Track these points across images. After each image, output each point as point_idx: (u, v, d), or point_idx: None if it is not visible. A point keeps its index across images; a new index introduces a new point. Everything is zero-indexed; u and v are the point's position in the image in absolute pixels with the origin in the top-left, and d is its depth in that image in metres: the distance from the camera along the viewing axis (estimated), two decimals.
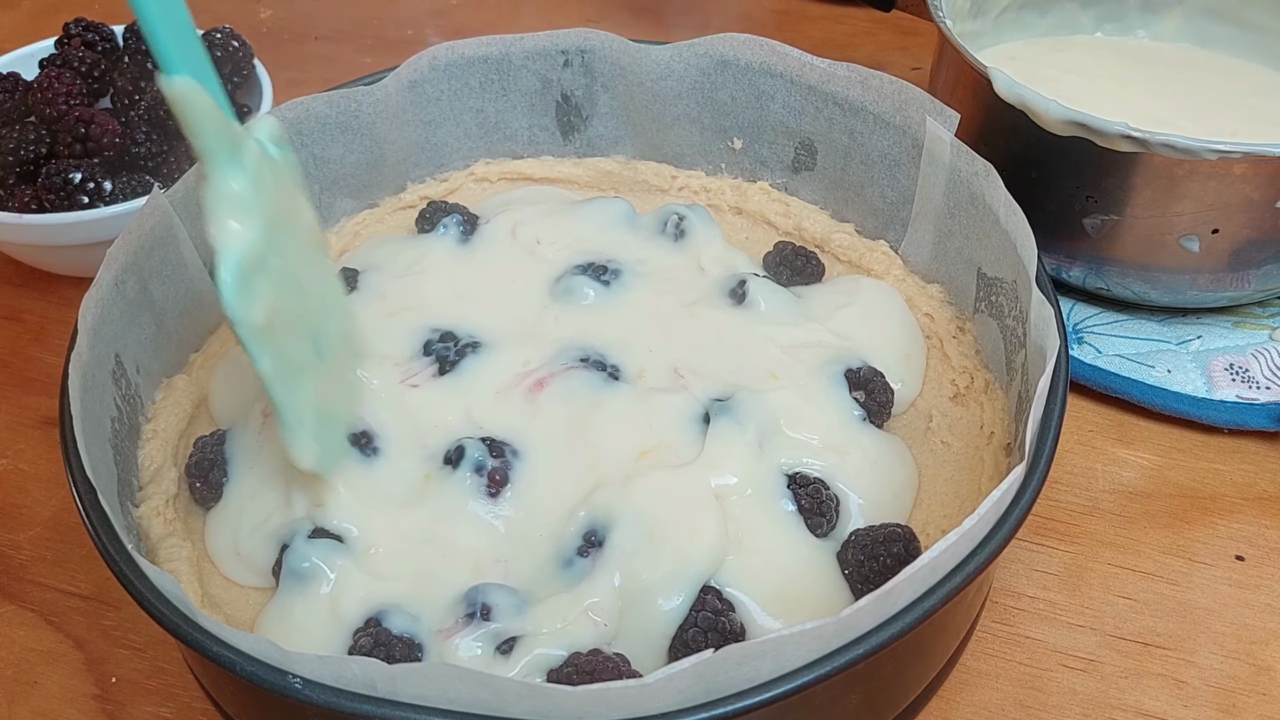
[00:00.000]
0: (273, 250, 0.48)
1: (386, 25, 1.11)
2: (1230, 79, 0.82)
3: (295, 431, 0.51)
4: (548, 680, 0.48)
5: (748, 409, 0.57)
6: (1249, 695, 0.56)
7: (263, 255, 0.47)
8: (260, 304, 0.47)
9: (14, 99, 0.80)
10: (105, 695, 0.57)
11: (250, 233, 0.47)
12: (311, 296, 0.53)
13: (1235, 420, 0.67)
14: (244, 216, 0.47)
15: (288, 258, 0.50)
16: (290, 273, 0.50)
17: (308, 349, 0.52)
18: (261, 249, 0.47)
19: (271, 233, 0.48)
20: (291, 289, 0.50)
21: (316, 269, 0.54)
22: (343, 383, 0.56)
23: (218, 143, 0.46)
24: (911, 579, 0.42)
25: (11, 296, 0.80)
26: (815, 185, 0.73)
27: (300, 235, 0.52)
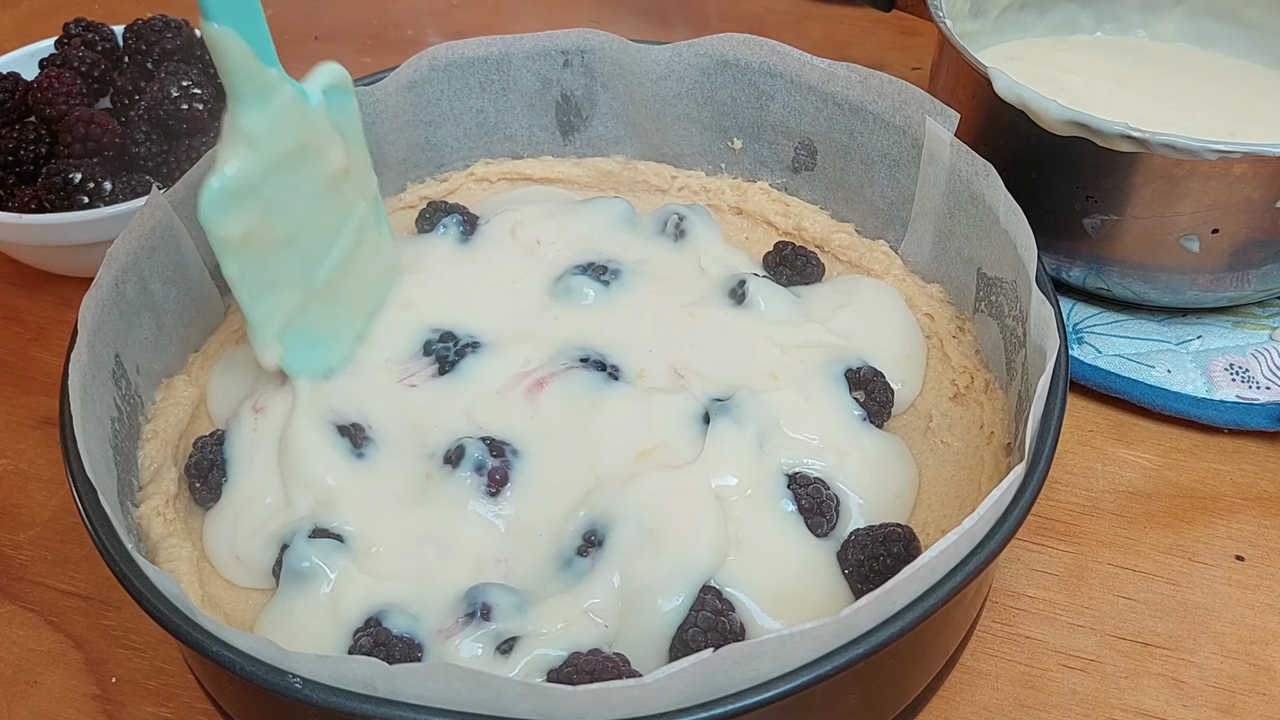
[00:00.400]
0: (272, 183, 0.53)
1: (386, 25, 1.11)
2: (1230, 79, 0.82)
3: (258, 332, 0.56)
4: (548, 680, 0.48)
5: (748, 409, 0.57)
6: (1249, 695, 0.56)
7: (256, 185, 0.53)
8: (238, 223, 0.53)
9: (14, 99, 0.80)
10: (105, 695, 0.57)
11: (248, 164, 0.52)
12: (312, 227, 0.57)
13: (1235, 420, 0.67)
14: (247, 150, 0.52)
15: (291, 191, 0.55)
16: (289, 204, 0.55)
17: (294, 269, 0.57)
18: (256, 180, 0.53)
19: (277, 168, 0.53)
20: (286, 217, 0.55)
21: (329, 204, 0.58)
22: (343, 305, 0.61)
23: (243, 85, 0.51)
24: (911, 579, 0.42)
25: (11, 296, 0.80)
26: (815, 185, 0.73)
27: (318, 173, 0.57)
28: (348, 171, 0.59)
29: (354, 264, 0.61)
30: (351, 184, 0.60)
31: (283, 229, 0.55)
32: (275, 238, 0.55)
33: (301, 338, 0.58)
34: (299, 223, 0.56)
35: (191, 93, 0.78)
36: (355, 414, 0.58)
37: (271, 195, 0.54)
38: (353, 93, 0.59)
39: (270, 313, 0.56)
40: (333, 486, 0.55)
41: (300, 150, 0.55)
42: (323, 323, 0.60)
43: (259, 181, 0.53)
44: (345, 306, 0.61)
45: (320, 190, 0.57)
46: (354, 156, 0.60)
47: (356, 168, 0.60)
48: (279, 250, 0.56)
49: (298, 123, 0.54)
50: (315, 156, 0.56)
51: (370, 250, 0.62)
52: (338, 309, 0.60)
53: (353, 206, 0.60)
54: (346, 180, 0.59)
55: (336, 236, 0.59)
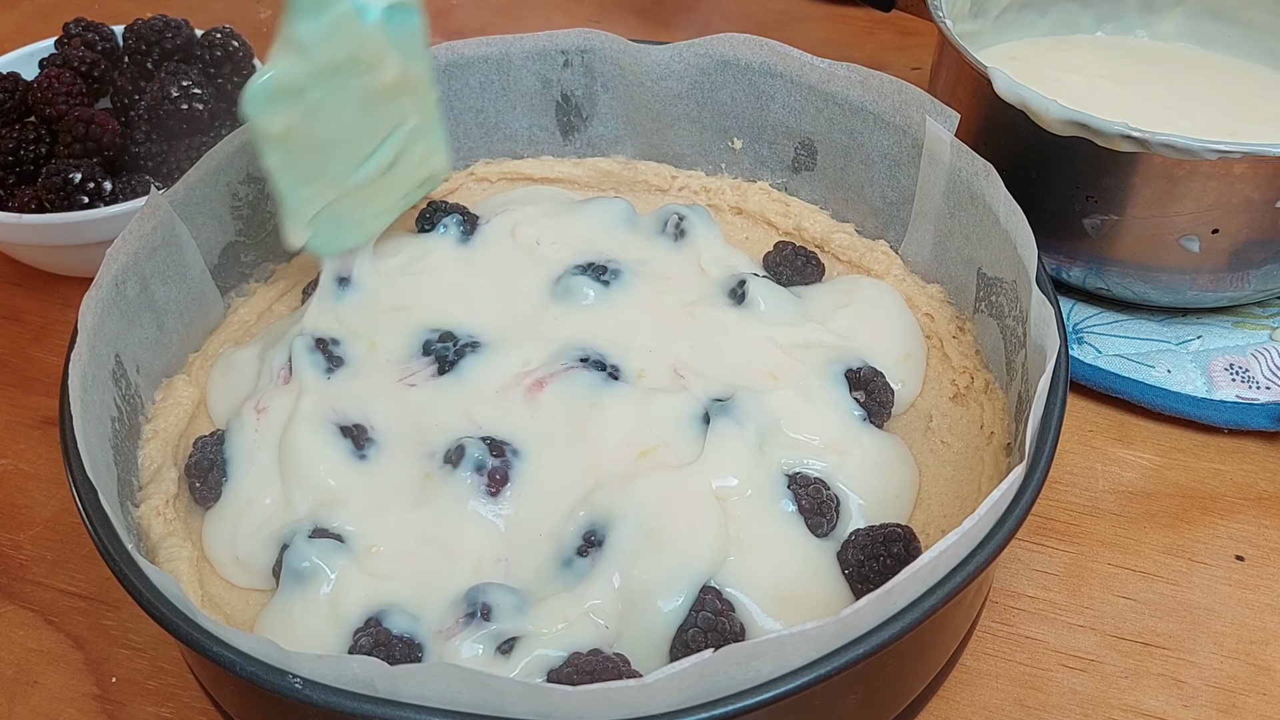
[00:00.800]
0: (319, 88, 0.58)
1: None
2: (1230, 79, 0.82)
3: (292, 218, 0.61)
4: (548, 680, 0.48)
5: (748, 409, 0.57)
6: (1249, 695, 0.56)
7: (302, 88, 0.57)
8: (280, 119, 0.57)
9: (14, 99, 0.80)
10: (105, 695, 0.57)
11: (295, 69, 0.56)
12: (356, 132, 0.61)
13: (1235, 420, 0.67)
14: (296, 56, 0.56)
15: (338, 98, 0.59)
16: (334, 109, 0.59)
17: (334, 168, 0.61)
18: (302, 84, 0.57)
19: (324, 76, 0.57)
20: (330, 121, 0.59)
21: (376, 113, 0.61)
22: (379, 200, 0.65)
23: None
24: (911, 579, 0.42)
25: (11, 296, 0.80)
26: (815, 185, 0.73)
27: (368, 84, 0.60)
28: (401, 85, 0.61)
29: (398, 169, 0.64)
30: (405, 97, 0.62)
31: (326, 131, 0.60)
32: (317, 138, 0.59)
33: (330, 223, 0.63)
34: (343, 127, 0.60)
35: (191, 93, 0.78)
36: (357, 414, 0.58)
37: (317, 100, 0.58)
38: (417, 11, 0.61)
39: (305, 202, 0.61)
40: (334, 487, 0.55)
41: (351, 61, 0.58)
42: (354, 212, 0.64)
43: (305, 85, 0.57)
44: (380, 202, 0.65)
45: (369, 100, 0.60)
46: (411, 71, 0.62)
47: (413, 82, 0.63)
48: (320, 149, 0.60)
49: (351, 36, 0.57)
50: (366, 69, 0.59)
51: (418, 159, 0.65)
52: (372, 203, 0.64)
53: (403, 117, 0.63)
54: (399, 93, 0.62)
55: (382, 143, 0.62)
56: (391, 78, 0.61)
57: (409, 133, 0.64)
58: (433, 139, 0.67)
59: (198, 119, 0.79)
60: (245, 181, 0.67)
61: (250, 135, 0.62)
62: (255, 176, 0.67)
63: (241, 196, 0.67)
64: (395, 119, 0.63)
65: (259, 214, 0.69)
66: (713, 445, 0.55)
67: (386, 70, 0.60)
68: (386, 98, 0.61)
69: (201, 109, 0.78)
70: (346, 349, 0.62)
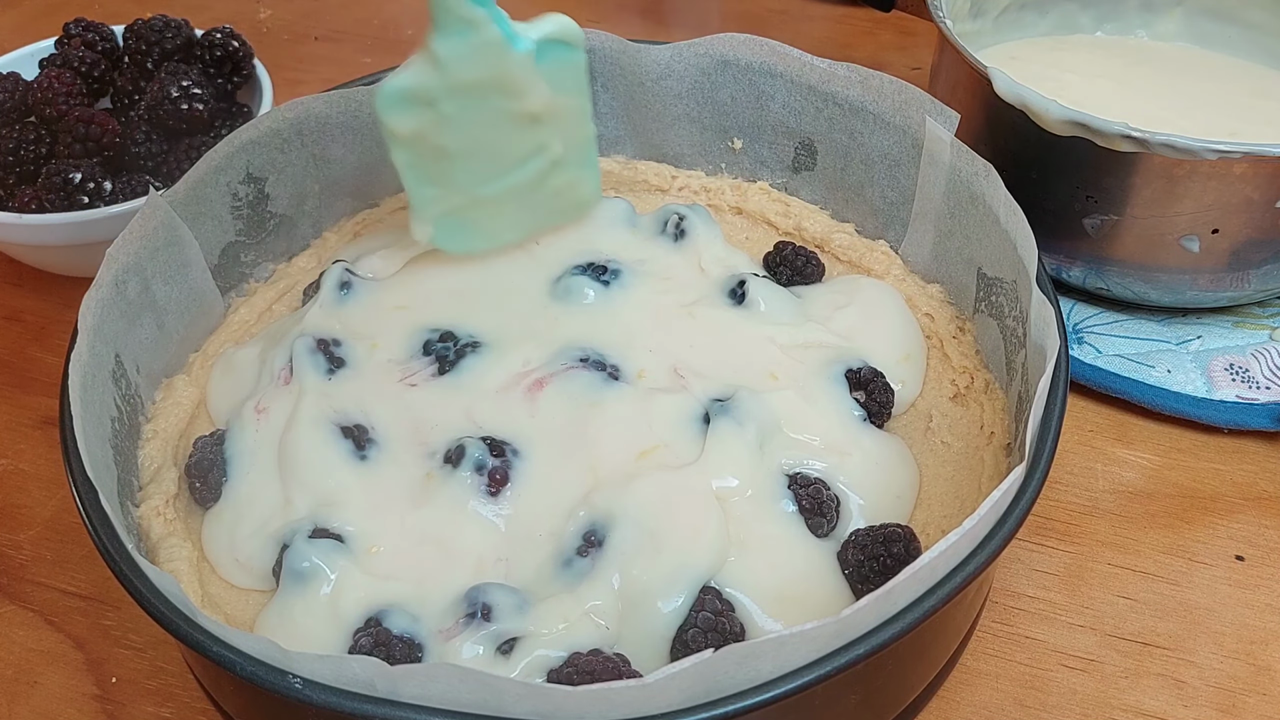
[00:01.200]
0: (453, 103, 0.59)
1: (386, 25, 1.11)
2: (1230, 79, 0.82)
3: (416, 213, 0.63)
4: (548, 681, 0.48)
5: (748, 409, 0.56)
6: (1249, 695, 0.56)
7: (434, 99, 0.58)
8: (407, 123, 0.59)
9: (14, 99, 0.80)
10: (105, 695, 0.57)
11: (428, 80, 0.58)
12: (490, 150, 0.62)
13: (1235, 420, 0.67)
14: (431, 69, 0.57)
15: (472, 115, 0.59)
16: (467, 124, 0.60)
17: (463, 178, 0.62)
18: (434, 95, 0.58)
19: (459, 92, 0.58)
20: (461, 134, 0.60)
21: (516, 137, 0.62)
22: (511, 215, 0.65)
23: (443, 15, 0.56)
24: (912, 579, 0.42)
25: (11, 296, 0.80)
26: (815, 185, 0.73)
27: (508, 109, 0.60)
28: (546, 115, 0.61)
29: (537, 192, 0.64)
30: (551, 126, 0.62)
31: (456, 142, 0.60)
32: (447, 147, 0.60)
33: (457, 225, 0.64)
34: (475, 142, 0.61)
35: (191, 93, 0.78)
36: (358, 414, 0.58)
37: (450, 112, 0.59)
38: (580, 47, 0.61)
39: (429, 201, 0.63)
40: (334, 488, 0.55)
41: (490, 84, 0.58)
42: (484, 221, 0.64)
43: (437, 97, 0.58)
44: (515, 218, 0.65)
45: (507, 123, 0.60)
46: (562, 104, 0.62)
47: (563, 114, 0.62)
48: (449, 158, 0.61)
49: (493, 61, 0.57)
50: (508, 94, 0.59)
51: (562, 186, 0.65)
52: (505, 217, 0.65)
53: (546, 146, 0.62)
54: (544, 122, 0.61)
55: (519, 166, 0.62)
56: (536, 107, 0.60)
57: (552, 160, 0.63)
58: (581, 170, 0.66)
59: (198, 119, 0.79)
60: (245, 181, 0.67)
61: (253, 134, 0.64)
62: (255, 176, 0.67)
63: (241, 196, 0.67)
64: (536, 145, 0.62)
65: (259, 214, 0.69)
66: (713, 445, 0.55)
67: (531, 99, 0.60)
68: (528, 124, 0.61)
69: (201, 109, 0.78)
70: (348, 349, 0.62)
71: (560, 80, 0.61)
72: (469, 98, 0.59)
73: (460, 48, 0.57)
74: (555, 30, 0.60)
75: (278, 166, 0.68)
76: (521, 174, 0.63)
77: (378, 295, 0.65)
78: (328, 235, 0.73)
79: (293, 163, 0.69)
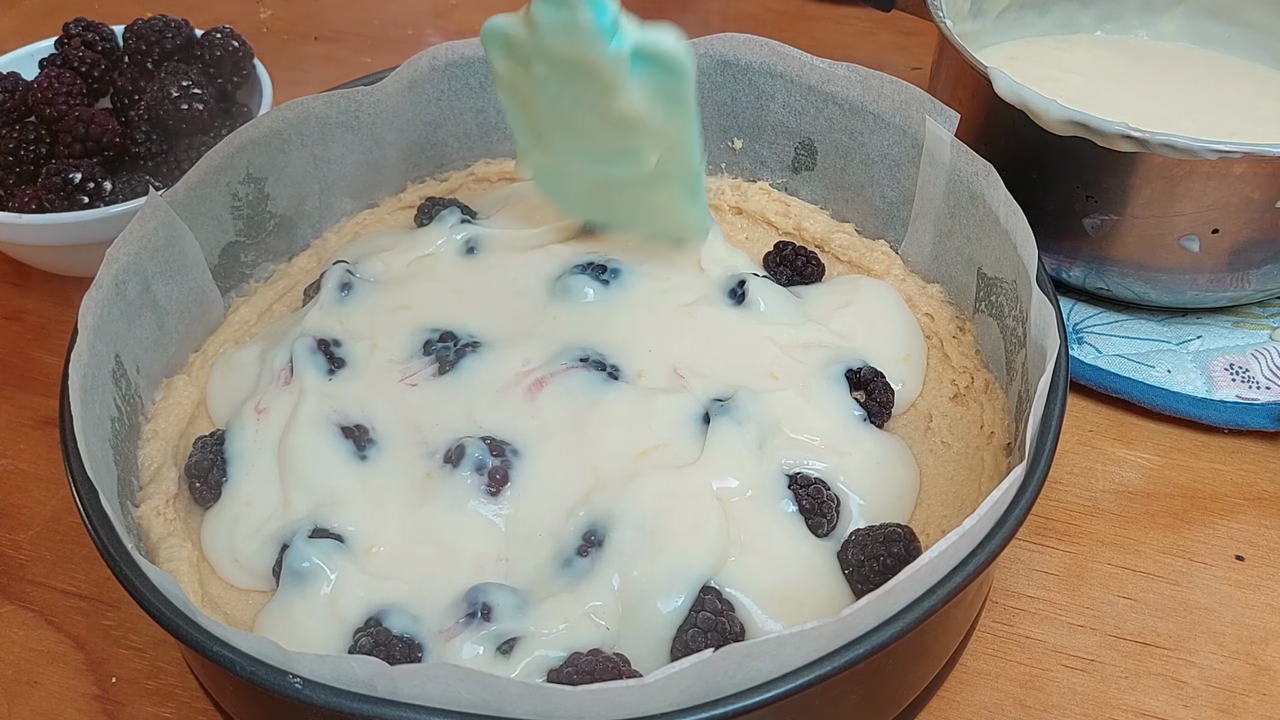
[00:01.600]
0: (542, 65, 0.57)
1: (386, 25, 1.11)
2: (1230, 79, 0.82)
3: (519, 150, 0.64)
4: (548, 681, 0.48)
5: (748, 409, 0.56)
6: (1249, 695, 0.56)
7: (525, 55, 0.58)
8: (500, 63, 0.59)
9: (14, 99, 0.80)
10: (105, 695, 0.57)
11: (519, 34, 0.57)
12: (582, 132, 0.60)
13: (1235, 420, 0.67)
14: (524, 25, 0.57)
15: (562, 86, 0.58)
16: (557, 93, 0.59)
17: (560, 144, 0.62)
18: (525, 51, 0.57)
19: (549, 59, 0.57)
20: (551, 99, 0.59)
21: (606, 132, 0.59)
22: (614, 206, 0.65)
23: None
24: (912, 579, 0.42)
25: (11, 296, 0.80)
26: (815, 185, 0.73)
27: (596, 102, 0.57)
28: (638, 125, 0.58)
29: (633, 197, 0.62)
30: (644, 139, 0.59)
31: (546, 108, 0.60)
32: (539, 105, 0.60)
33: (556, 177, 0.64)
34: (564, 116, 0.60)
35: (191, 93, 0.78)
36: (359, 415, 0.58)
37: (541, 75, 0.58)
38: (682, 73, 0.56)
39: (529, 147, 0.63)
40: (334, 488, 0.55)
41: (580, 66, 0.56)
42: (579, 189, 0.64)
43: (530, 55, 0.57)
44: (608, 204, 0.64)
45: (596, 112, 0.58)
46: (658, 122, 0.58)
47: (658, 132, 0.59)
48: (543, 117, 0.61)
49: (583, 45, 0.55)
50: (594, 86, 0.57)
51: (662, 205, 0.63)
52: (599, 199, 0.64)
53: (638, 155, 0.60)
54: (636, 131, 0.58)
55: (608, 161, 0.61)
56: (626, 110, 0.57)
57: (646, 175, 0.60)
58: (685, 199, 0.62)
59: (198, 119, 0.79)
60: (245, 181, 0.67)
61: (253, 134, 0.64)
62: (255, 176, 0.67)
63: (241, 196, 0.67)
64: (626, 149, 0.60)
65: (259, 214, 0.69)
66: (713, 445, 0.55)
67: (619, 101, 0.57)
68: (618, 123, 0.58)
69: (201, 109, 0.78)
70: (348, 350, 0.62)
71: (660, 98, 0.57)
72: (558, 69, 0.57)
73: (553, 17, 0.54)
74: (652, 45, 0.55)
75: (278, 166, 0.68)
76: (611, 170, 0.61)
77: (378, 295, 0.65)
78: (328, 235, 0.73)
79: (293, 163, 0.69)
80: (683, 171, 0.60)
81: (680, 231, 0.63)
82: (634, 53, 0.55)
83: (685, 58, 0.55)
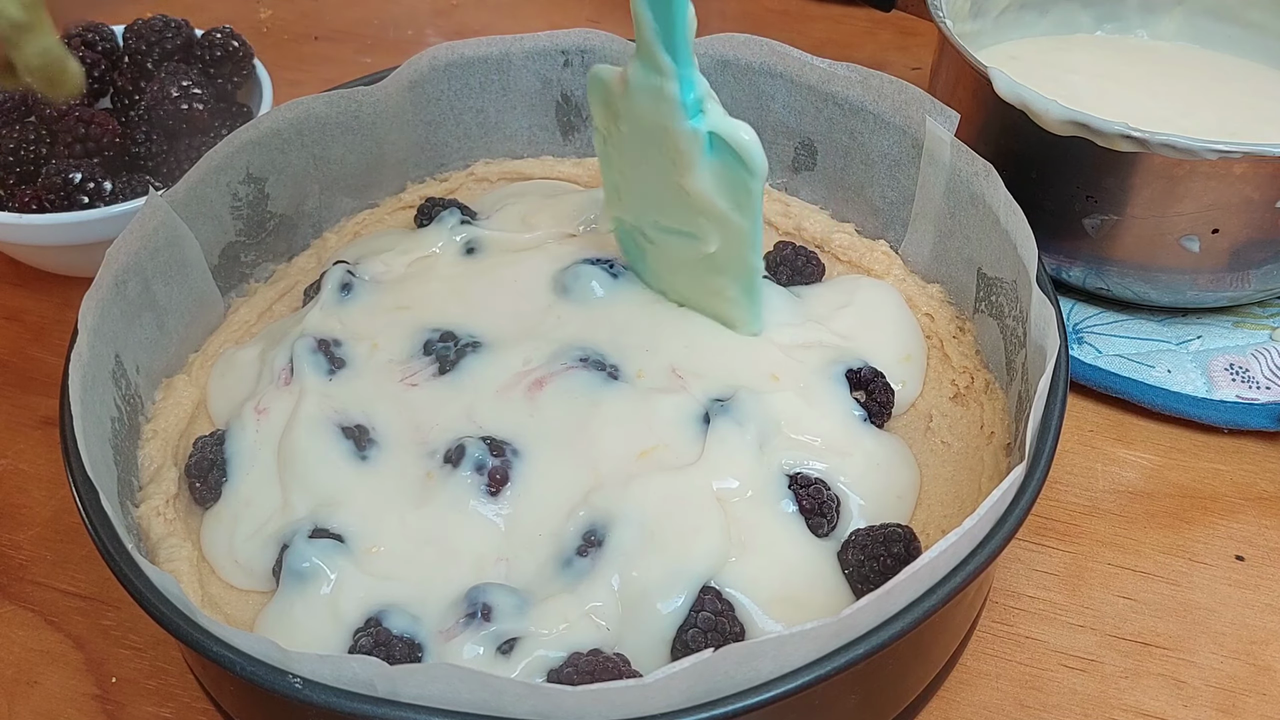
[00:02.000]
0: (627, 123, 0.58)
1: (386, 25, 1.11)
2: (1230, 79, 0.82)
3: (606, 202, 0.66)
4: (548, 681, 0.48)
5: (748, 410, 0.57)
6: (1249, 695, 0.56)
7: (617, 110, 0.59)
8: (596, 106, 0.60)
9: (14, 99, 0.80)
10: (105, 695, 0.57)
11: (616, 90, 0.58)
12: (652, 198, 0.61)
13: (1235, 420, 0.67)
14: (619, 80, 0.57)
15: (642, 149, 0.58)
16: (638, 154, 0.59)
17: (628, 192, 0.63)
18: (617, 105, 0.58)
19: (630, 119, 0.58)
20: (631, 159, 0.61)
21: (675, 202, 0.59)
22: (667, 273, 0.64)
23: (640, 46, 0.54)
24: (912, 579, 0.42)
25: (11, 296, 0.80)
26: (815, 185, 0.73)
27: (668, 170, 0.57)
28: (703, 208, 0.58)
29: (693, 273, 0.62)
30: (711, 224, 0.58)
31: (625, 164, 0.61)
32: (622, 160, 0.61)
33: (631, 237, 0.64)
34: (640, 178, 0.60)
35: (191, 93, 0.78)
36: (359, 415, 0.58)
37: (625, 133, 0.59)
38: (753, 172, 0.55)
39: (610, 197, 0.64)
40: (335, 488, 0.55)
41: (660, 136, 0.56)
42: (649, 255, 0.64)
43: (619, 112, 0.58)
44: (672, 275, 0.63)
45: (668, 183, 0.58)
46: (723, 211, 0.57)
47: (726, 223, 0.58)
48: (626, 175, 0.62)
49: (665, 116, 0.55)
50: (669, 156, 0.57)
51: (718, 289, 0.61)
52: (664, 266, 0.64)
53: (701, 238, 0.59)
54: (700, 212, 0.58)
55: (674, 233, 0.61)
56: (694, 189, 0.57)
57: (705, 256, 0.60)
58: (740, 293, 0.61)
59: (198, 119, 0.79)
60: (245, 181, 0.67)
61: (253, 134, 0.64)
62: (255, 176, 0.67)
63: (241, 196, 0.67)
64: (691, 227, 0.59)
65: (259, 214, 0.69)
66: (713, 446, 0.55)
67: (690, 178, 0.56)
68: (688, 203, 0.58)
69: (201, 109, 0.78)
70: (348, 350, 0.62)
71: (727, 187, 0.56)
72: (643, 131, 0.57)
73: (644, 81, 0.55)
74: (729, 133, 0.54)
75: (278, 166, 0.68)
76: (676, 243, 0.61)
77: (378, 296, 0.65)
78: (328, 235, 0.73)
79: (293, 163, 0.69)
80: (740, 266, 0.59)
81: (730, 322, 0.62)
82: (711, 136, 0.55)
83: (759, 158, 0.54)
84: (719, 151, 0.55)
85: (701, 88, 0.54)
